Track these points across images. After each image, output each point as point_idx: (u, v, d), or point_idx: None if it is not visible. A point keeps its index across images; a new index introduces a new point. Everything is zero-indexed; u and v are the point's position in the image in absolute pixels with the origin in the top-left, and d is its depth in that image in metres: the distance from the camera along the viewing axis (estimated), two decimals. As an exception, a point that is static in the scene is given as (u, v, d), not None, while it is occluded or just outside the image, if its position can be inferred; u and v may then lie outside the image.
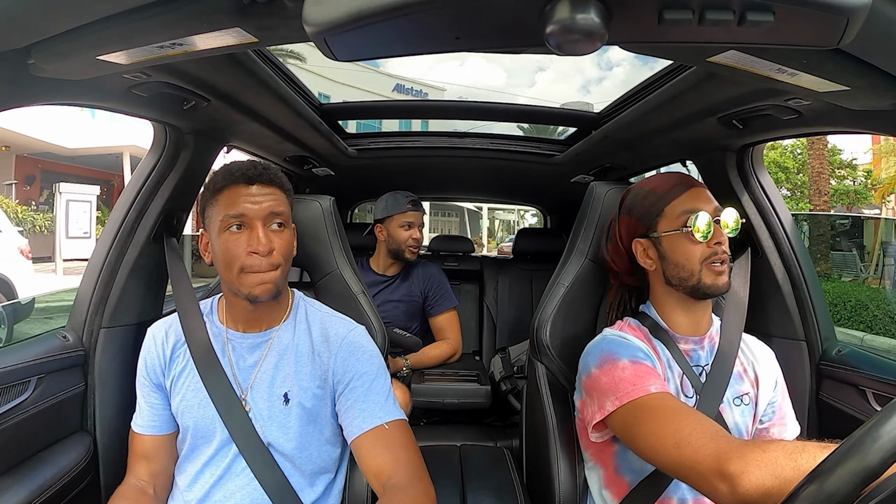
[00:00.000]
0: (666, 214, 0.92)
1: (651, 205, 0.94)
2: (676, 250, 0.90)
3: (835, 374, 1.17)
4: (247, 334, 0.97)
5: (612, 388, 0.82)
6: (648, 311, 0.98)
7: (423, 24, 0.50)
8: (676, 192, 0.92)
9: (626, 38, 0.57)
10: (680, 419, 0.73)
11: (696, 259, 0.89)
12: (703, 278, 0.88)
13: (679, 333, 0.94)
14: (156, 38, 0.66)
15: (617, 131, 1.47)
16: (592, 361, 0.89)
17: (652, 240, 0.93)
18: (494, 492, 1.25)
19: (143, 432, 0.98)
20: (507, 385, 2.13)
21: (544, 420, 1.11)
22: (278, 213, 0.91)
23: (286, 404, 0.94)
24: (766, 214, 1.25)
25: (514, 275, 2.66)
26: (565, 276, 1.18)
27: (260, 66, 1.04)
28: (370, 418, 0.91)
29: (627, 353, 0.86)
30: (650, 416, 0.77)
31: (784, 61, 0.68)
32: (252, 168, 0.91)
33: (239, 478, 0.93)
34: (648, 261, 0.94)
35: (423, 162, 2.20)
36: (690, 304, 0.93)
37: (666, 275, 0.92)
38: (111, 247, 1.17)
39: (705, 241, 0.88)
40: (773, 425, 0.98)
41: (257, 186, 0.90)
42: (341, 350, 0.96)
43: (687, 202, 0.91)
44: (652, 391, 0.79)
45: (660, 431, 0.74)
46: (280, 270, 0.91)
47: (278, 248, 0.90)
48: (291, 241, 0.95)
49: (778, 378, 0.99)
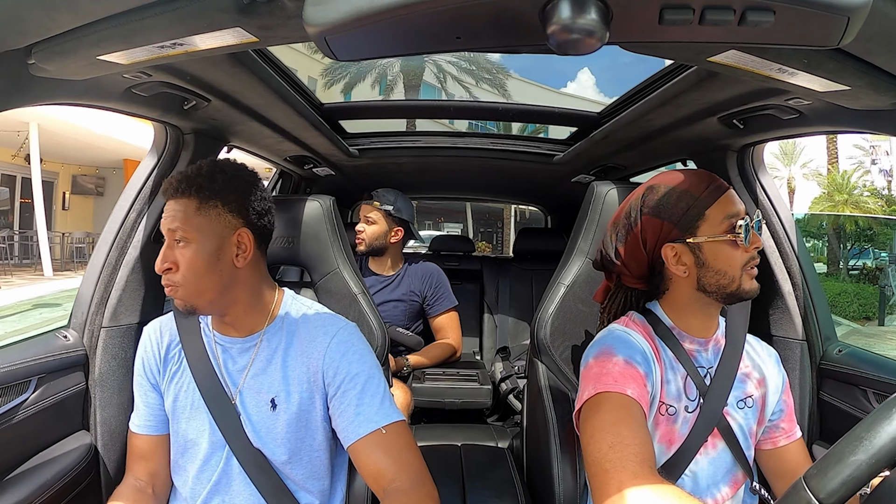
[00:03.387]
0: (708, 219, 0.86)
1: (688, 207, 0.87)
2: (720, 257, 0.85)
3: (836, 374, 1.16)
4: (234, 339, 0.96)
5: (596, 378, 0.82)
6: (655, 309, 0.94)
7: (423, 24, 0.50)
8: (715, 194, 0.87)
9: (627, 38, 0.57)
10: (633, 428, 0.75)
11: (737, 265, 0.85)
12: (742, 284, 0.86)
13: (687, 333, 0.92)
14: (156, 38, 0.66)
15: (618, 131, 1.47)
16: (592, 352, 0.88)
17: (689, 245, 0.86)
18: (495, 492, 1.25)
19: (140, 432, 0.98)
20: (507, 385, 2.13)
21: (545, 420, 1.11)
22: (174, 230, 0.87)
23: (273, 410, 0.92)
24: (767, 214, 1.25)
25: (515, 275, 2.66)
26: (566, 275, 1.18)
27: (260, 66, 1.04)
28: (366, 423, 0.88)
29: (625, 353, 0.84)
30: (610, 410, 0.78)
31: (785, 61, 0.68)
32: (178, 182, 0.88)
33: (236, 482, 0.93)
34: (681, 267, 0.88)
35: (424, 162, 2.20)
36: (710, 308, 0.91)
37: (702, 281, 0.87)
38: (111, 247, 1.17)
39: (746, 246, 0.85)
40: (783, 421, 0.97)
41: (174, 202, 0.88)
42: (330, 351, 0.92)
43: (727, 206, 0.86)
44: (627, 393, 0.79)
45: (607, 426, 0.75)
46: (182, 288, 0.87)
47: (179, 267, 0.87)
48: (196, 257, 0.87)
49: (785, 377, 0.99)
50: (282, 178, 2.24)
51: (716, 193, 0.87)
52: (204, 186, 0.87)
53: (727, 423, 0.90)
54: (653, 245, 0.90)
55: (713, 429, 0.88)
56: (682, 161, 1.57)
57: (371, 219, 2.03)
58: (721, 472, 0.90)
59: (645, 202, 0.91)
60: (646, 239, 0.90)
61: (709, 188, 0.87)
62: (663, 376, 0.88)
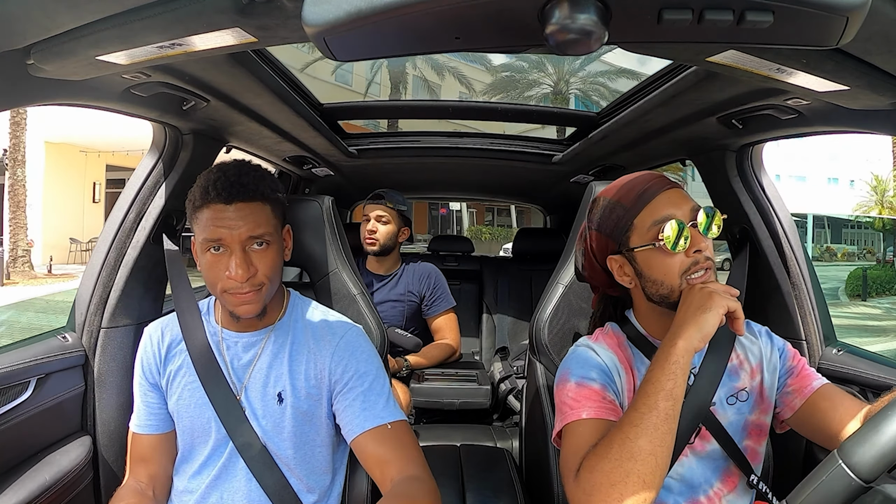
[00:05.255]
0: (636, 227, 0.84)
1: (619, 218, 0.86)
2: (653, 266, 0.83)
3: (835, 374, 1.17)
4: (242, 333, 0.97)
5: (559, 410, 0.85)
6: (630, 317, 0.94)
7: (422, 24, 0.50)
8: (644, 199, 0.84)
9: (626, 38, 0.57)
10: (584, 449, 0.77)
11: (674, 273, 0.82)
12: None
13: (659, 339, 0.88)
14: (155, 38, 0.66)
15: (616, 131, 1.47)
16: (557, 377, 0.90)
17: (626, 256, 0.86)
18: (494, 492, 1.25)
19: (140, 432, 0.98)
20: (506, 385, 2.13)
21: (544, 420, 1.11)
22: (258, 236, 0.87)
23: (280, 404, 0.94)
24: (766, 214, 1.25)
25: (514, 275, 2.66)
26: (564, 275, 1.18)
27: (259, 67, 1.04)
28: (372, 418, 0.90)
29: (578, 374, 0.85)
30: (569, 441, 0.81)
31: (784, 61, 0.68)
32: (230, 186, 0.86)
33: (237, 478, 0.93)
34: (626, 278, 0.88)
35: (423, 162, 2.20)
36: (668, 317, 0.86)
37: (646, 291, 0.86)
38: (110, 247, 1.17)
39: (683, 250, 0.81)
40: (793, 382, 0.92)
41: (236, 207, 0.86)
42: (338, 350, 0.95)
43: (656, 210, 0.83)
44: (583, 417, 0.81)
45: (564, 463, 0.79)
46: (264, 289, 0.89)
47: (261, 269, 0.88)
48: (276, 255, 0.91)
49: (783, 344, 0.95)
50: (280, 178, 2.24)
51: (646, 198, 0.84)
52: (266, 189, 0.90)
53: (716, 421, 0.89)
54: (602, 258, 0.91)
55: (699, 428, 0.87)
56: (680, 161, 1.58)
57: (385, 218, 2.03)
58: (711, 468, 0.89)
59: (590, 217, 0.93)
60: (594, 253, 0.92)
61: (638, 195, 0.85)
62: (635, 384, 0.88)
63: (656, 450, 0.70)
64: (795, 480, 0.60)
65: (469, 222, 19.36)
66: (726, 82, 0.95)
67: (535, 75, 15.12)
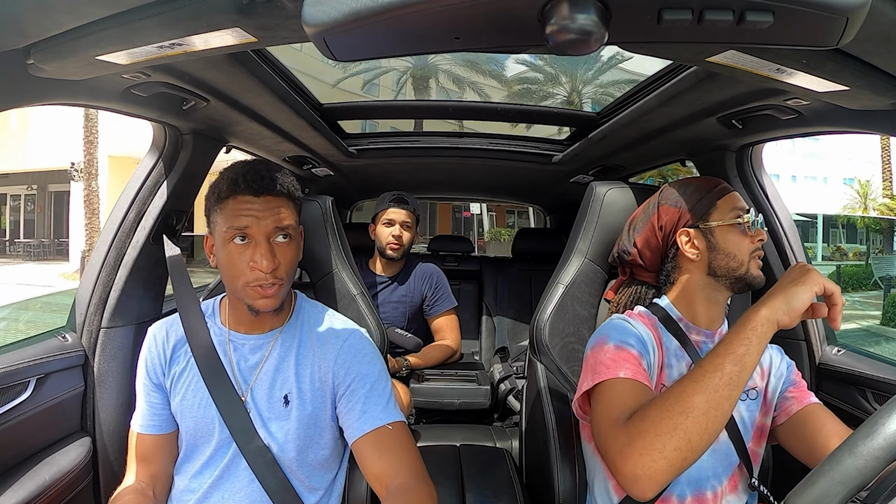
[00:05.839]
0: (719, 207, 0.95)
1: (702, 197, 0.97)
2: (730, 241, 0.93)
3: (834, 374, 1.17)
4: (249, 335, 0.97)
5: (592, 369, 0.87)
6: (662, 303, 0.99)
7: (422, 24, 0.50)
8: (726, 189, 0.97)
9: (626, 39, 0.57)
10: (636, 400, 0.78)
11: (746, 251, 0.93)
12: (750, 269, 0.93)
13: (693, 324, 0.96)
14: (155, 38, 0.66)
15: (616, 131, 1.47)
16: (590, 344, 0.93)
17: (702, 230, 0.95)
18: (493, 492, 1.25)
19: (142, 431, 0.98)
20: (506, 385, 2.13)
21: (544, 420, 1.11)
22: (283, 227, 0.89)
23: (286, 406, 0.94)
24: (766, 214, 1.25)
25: (514, 275, 2.66)
26: (565, 275, 1.18)
27: (259, 67, 1.04)
28: (372, 420, 0.91)
29: (617, 338, 0.89)
30: (608, 395, 0.82)
31: (783, 61, 0.68)
32: (259, 179, 0.88)
33: (239, 479, 0.93)
34: (694, 251, 0.96)
35: (423, 162, 2.20)
36: (717, 298, 0.96)
37: (712, 265, 0.94)
38: (110, 247, 1.17)
39: (752, 234, 0.93)
40: (794, 390, 0.97)
41: (263, 199, 0.88)
42: (343, 352, 0.96)
43: (735, 201, 0.96)
44: (620, 375, 0.83)
45: (610, 410, 0.79)
46: (284, 283, 0.91)
47: (283, 263, 0.90)
48: (297, 250, 0.94)
49: (791, 363, 1.01)
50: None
51: (725, 190, 0.98)
52: (291, 186, 0.92)
53: (730, 416, 0.90)
54: (668, 231, 0.99)
55: None
56: (680, 161, 1.58)
57: (408, 224, 2.04)
58: (723, 464, 0.91)
59: (662, 196, 1.02)
60: (662, 225, 1.00)
61: (719, 186, 0.98)
62: (664, 361, 0.92)
63: (710, 411, 0.70)
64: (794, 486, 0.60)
65: (489, 224, 19.42)
66: (726, 82, 0.95)
67: (548, 87, 15.51)
